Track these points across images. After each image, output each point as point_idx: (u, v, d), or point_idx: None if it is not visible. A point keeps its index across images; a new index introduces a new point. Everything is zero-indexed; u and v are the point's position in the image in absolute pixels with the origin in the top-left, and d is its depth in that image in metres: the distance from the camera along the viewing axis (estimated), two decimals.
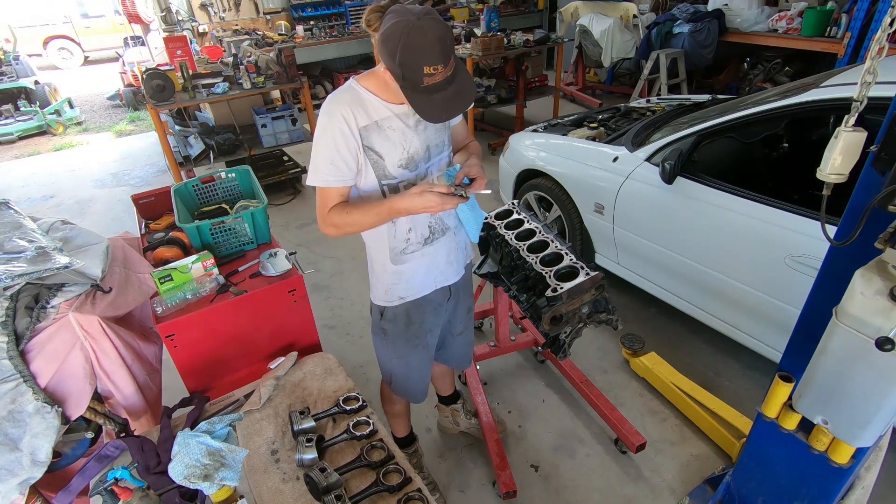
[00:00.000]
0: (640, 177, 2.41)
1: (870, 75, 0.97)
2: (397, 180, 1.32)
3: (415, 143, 1.31)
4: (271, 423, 1.54)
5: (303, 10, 7.23)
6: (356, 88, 1.26)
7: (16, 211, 1.56)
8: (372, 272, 1.52)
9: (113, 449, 1.45)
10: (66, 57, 12.54)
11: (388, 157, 1.28)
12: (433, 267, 1.47)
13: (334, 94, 1.25)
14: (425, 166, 1.36)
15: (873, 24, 3.90)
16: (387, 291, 1.48)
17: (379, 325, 1.57)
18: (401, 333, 1.55)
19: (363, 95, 1.25)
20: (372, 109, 1.25)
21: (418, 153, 1.32)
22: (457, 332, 1.75)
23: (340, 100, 1.23)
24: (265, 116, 4.30)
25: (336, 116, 1.21)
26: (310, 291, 2.26)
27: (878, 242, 0.98)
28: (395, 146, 1.28)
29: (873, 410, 1.05)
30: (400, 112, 1.27)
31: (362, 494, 1.30)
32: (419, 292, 1.49)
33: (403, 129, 1.28)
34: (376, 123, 1.25)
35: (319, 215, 1.33)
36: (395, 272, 1.44)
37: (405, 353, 1.60)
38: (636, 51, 5.79)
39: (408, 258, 1.42)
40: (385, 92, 1.25)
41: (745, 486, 1.65)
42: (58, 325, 1.45)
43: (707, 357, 2.55)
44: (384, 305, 1.51)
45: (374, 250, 1.46)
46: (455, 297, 1.61)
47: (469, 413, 2.16)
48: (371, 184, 1.31)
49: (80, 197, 5.08)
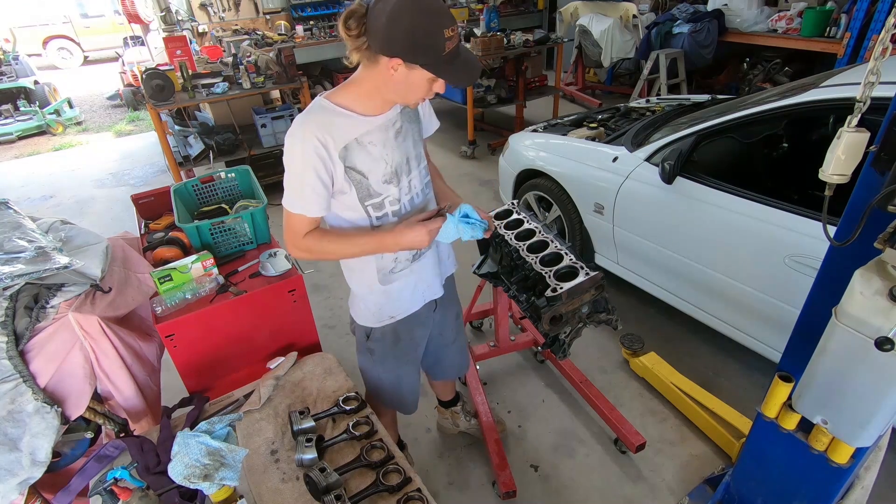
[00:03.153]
0: (640, 177, 2.41)
1: (873, 76, 0.96)
2: (382, 196, 1.27)
3: (396, 156, 1.26)
4: (271, 423, 1.54)
5: (302, 10, 7.22)
6: (328, 107, 1.18)
7: (15, 211, 1.56)
8: (355, 294, 1.46)
9: (112, 449, 1.45)
10: (66, 57, 12.52)
11: (371, 175, 1.23)
12: (420, 282, 1.45)
13: (305, 117, 1.17)
14: (407, 179, 1.31)
15: (873, 24, 3.90)
16: (375, 313, 1.44)
17: (364, 345, 1.54)
18: (389, 351, 1.52)
19: (337, 113, 1.18)
20: (349, 127, 1.18)
21: (401, 165, 1.28)
22: (449, 341, 1.72)
23: (313, 122, 1.15)
24: (265, 116, 4.30)
25: (310, 141, 1.14)
26: (310, 291, 2.26)
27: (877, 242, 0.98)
28: (378, 161, 1.23)
29: (873, 410, 1.05)
30: (381, 123, 1.22)
31: (362, 494, 1.30)
32: (408, 310, 1.46)
33: (384, 142, 1.23)
34: (356, 141, 1.19)
35: (289, 240, 1.26)
36: (383, 292, 1.40)
37: (394, 369, 1.58)
38: (636, 51, 5.80)
39: (396, 277, 1.39)
40: (363, 104, 1.19)
41: (744, 485, 1.65)
42: (57, 325, 1.45)
43: (707, 357, 2.55)
44: (371, 326, 1.48)
45: (357, 271, 1.40)
46: (441, 307, 1.59)
47: (468, 414, 2.15)
48: (351, 206, 1.26)
49: (79, 197, 5.08)
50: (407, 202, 1.34)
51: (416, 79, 1.11)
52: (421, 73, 1.10)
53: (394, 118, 1.25)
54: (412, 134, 1.32)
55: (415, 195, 1.36)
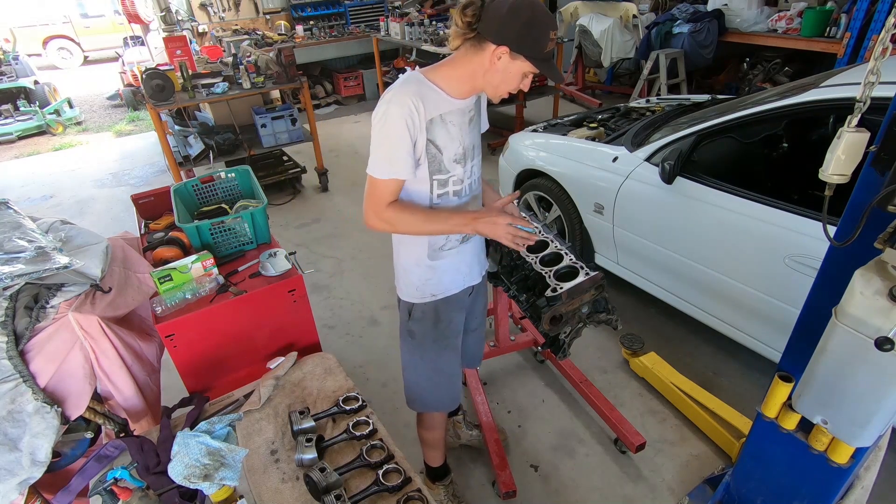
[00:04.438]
0: (640, 177, 2.41)
1: (873, 76, 0.96)
2: (450, 174, 1.34)
3: (467, 140, 1.34)
4: (271, 423, 1.54)
5: (302, 9, 7.23)
6: (422, 80, 1.26)
7: (15, 211, 1.56)
8: (401, 267, 1.49)
9: (112, 449, 1.45)
10: (66, 57, 12.53)
11: (445, 151, 1.30)
12: (463, 264, 1.49)
13: (401, 85, 1.24)
14: (471, 164, 1.39)
15: (873, 24, 3.90)
16: (419, 287, 1.47)
17: (406, 326, 1.54)
18: (429, 333, 1.52)
19: (429, 87, 1.25)
20: (437, 102, 1.26)
21: (468, 150, 1.36)
22: (472, 327, 1.73)
23: (410, 90, 1.22)
24: (265, 116, 4.29)
25: (406, 107, 1.20)
26: (310, 291, 2.26)
27: (877, 242, 0.98)
28: (454, 140, 1.30)
29: (872, 410, 1.05)
30: (462, 107, 1.30)
31: (362, 494, 1.30)
32: (449, 290, 1.49)
33: (461, 125, 1.31)
34: (440, 117, 1.26)
35: (372, 208, 1.30)
36: (430, 267, 1.44)
37: (434, 357, 1.56)
38: (636, 51, 5.79)
39: (445, 255, 1.43)
40: (453, 86, 1.27)
41: (744, 485, 1.65)
42: (57, 325, 1.45)
43: (707, 357, 2.55)
44: (414, 302, 1.49)
45: (408, 244, 1.44)
46: (475, 294, 1.62)
47: (470, 424, 2.15)
48: (420, 179, 1.31)
49: (79, 197, 5.08)
50: (467, 186, 1.41)
51: (515, 70, 1.21)
52: (521, 64, 1.20)
53: (471, 106, 1.34)
54: (478, 126, 1.42)
55: (474, 181, 1.43)
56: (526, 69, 1.22)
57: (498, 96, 1.30)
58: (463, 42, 1.23)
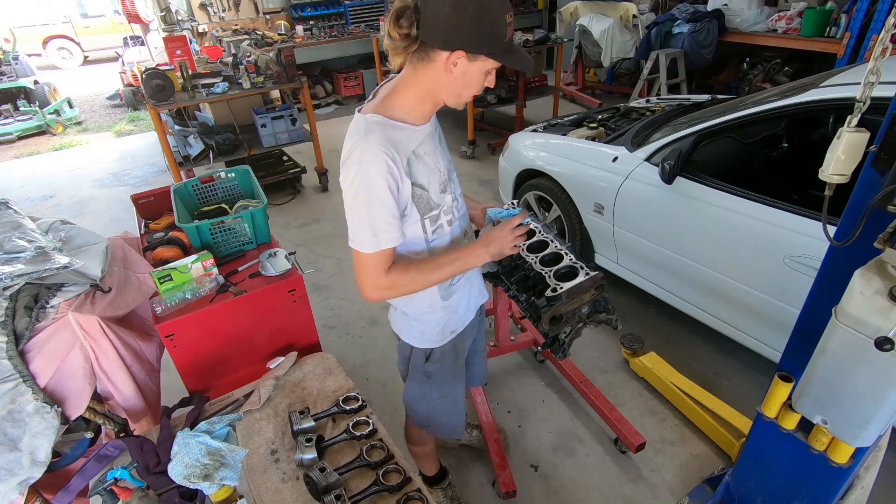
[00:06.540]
0: (640, 177, 2.41)
1: (873, 75, 0.96)
2: (440, 207, 1.21)
3: (442, 162, 1.21)
4: (271, 422, 1.54)
5: (302, 9, 7.23)
6: (383, 122, 1.08)
7: (15, 211, 1.56)
8: (411, 317, 1.34)
9: (112, 449, 1.45)
10: (66, 57, 12.52)
11: (431, 187, 1.16)
12: (473, 289, 1.41)
13: (364, 138, 1.05)
14: (452, 185, 1.27)
15: (873, 24, 3.90)
16: (438, 332, 1.35)
17: (422, 370, 1.41)
18: (448, 370, 1.42)
19: (393, 127, 1.09)
20: (407, 141, 1.10)
21: (446, 171, 1.24)
22: (480, 348, 1.68)
23: (376, 141, 1.05)
24: (265, 116, 4.29)
25: (382, 163, 1.03)
26: (310, 291, 2.26)
27: (877, 242, 0.98)
28: (433, 171, 1.17)
29: (872, 410, 1.05)
30: (429, 131, 1.18)
31: (362, 494, 1.30)
32: (467, 319, 1.40)
33: (434, 149, 1.18)
34: (414, 154, 1.11)
35: (370, 285, 1.14)
36: (445, 308, 1.32)
37: (450, 391, 1.47)
38: (636, 51, 5.79)
39: (456, 288, 1.33)
40: (414, 113, 1.13)
41: (744, 485, 1.65)
42: (57, 325, 1.45)
43: (707, 357, 2.55)
44: (433, 347, 1.37)
45: (417, 294, 1.26)
46: (479, 311, 1.54)
47: (470, 425, 2.15)
48: (412, 223, 1.17)
49: (79, 197, 5.08)
50: (455, 209, 1.28)
51: (475, 71, 1.06)
52: (481, 64, 1.05)
53: (435, 124, 1.22)
54: (442, 138, 1.28)
55: (458, 200, 1.32)
56: (488, 66, 1.06)
57: (461, 103, 1.15)
58: (406, 57, 1.07)
